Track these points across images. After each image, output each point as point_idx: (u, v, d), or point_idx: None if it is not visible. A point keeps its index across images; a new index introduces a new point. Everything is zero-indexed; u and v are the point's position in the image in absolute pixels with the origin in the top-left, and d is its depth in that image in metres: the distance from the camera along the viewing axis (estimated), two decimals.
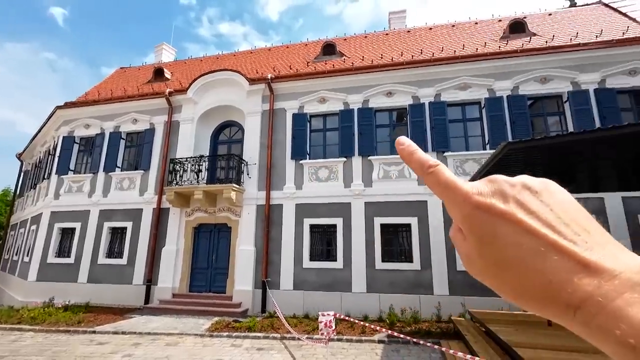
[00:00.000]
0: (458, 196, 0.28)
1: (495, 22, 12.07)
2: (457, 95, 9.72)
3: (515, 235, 0.25)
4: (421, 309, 8.48)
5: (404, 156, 0.32)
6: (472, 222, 0.27)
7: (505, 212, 0.25)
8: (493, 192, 0.27)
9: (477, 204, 0.27)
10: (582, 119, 8.70)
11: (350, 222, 9.46)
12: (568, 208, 0.26)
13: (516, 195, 0.26)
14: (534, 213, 0.25)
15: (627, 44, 8.67)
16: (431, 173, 0.30)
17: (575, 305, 0.22)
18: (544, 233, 0.24)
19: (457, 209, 0.28)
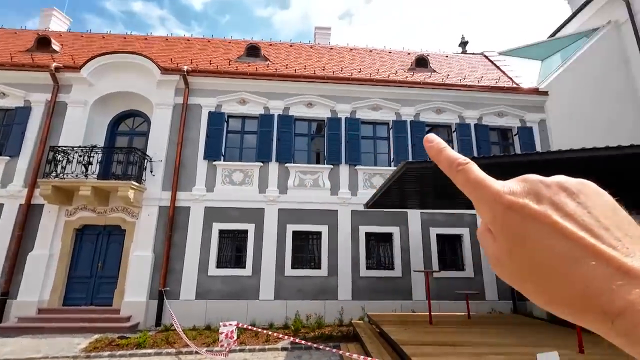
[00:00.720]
0: (488, 195, 0.26)
1: (405, 54, 13.63)
2: (370, 115, 10.59)
3: (549, 238, 0.23)
4: (325, 314, 8.81)
5: (433, 154, 0.31)
6: (504, 223, 0.25)
7: (539, 214, 0.24)
8: (526, 192, 0.26)
9: (509, 204, 0.25)
10: (465, 147, 10.39)
11: (263, 228, 9.33)
12: (608, 211, 0.24)
13: (552, 196, 0.25)
14: (570, 215, 0.24)
15: (498, 91, 10.77)
16: (460, 171, 0.28)
17: (614, 314, 0.20)
18: (581, 236, 0.23)
19: (487, 208, 0.26)
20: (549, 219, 0.23)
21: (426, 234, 9.69)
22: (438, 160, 0.30)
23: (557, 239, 0.23)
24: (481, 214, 0.27)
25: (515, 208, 0.25)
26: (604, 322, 0.21)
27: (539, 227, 0.24)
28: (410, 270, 9.24)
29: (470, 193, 0.28)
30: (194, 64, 10.57)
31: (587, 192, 0.25)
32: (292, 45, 13.60)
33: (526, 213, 0.24)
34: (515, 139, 10.74)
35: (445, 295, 9.06)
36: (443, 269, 9.46)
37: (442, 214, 9.71)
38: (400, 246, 9.56)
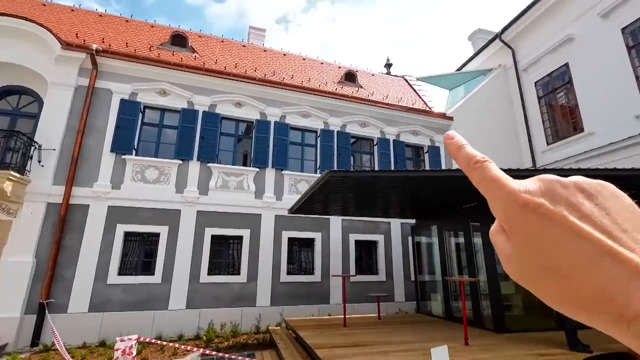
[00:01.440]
0: (504, 193, 0.26)
1: (336, 67, 14.24)
2: (300, 121, 10.74)
3: (566, 239, 0.23)
4: (242, 322, 8.50)
5: (452, 150, 0.30)
6: (518, 222, 0.25)
7: (555, 214, 0.24)
8: (543, 192, 0.25)
9: (524, 203, 0.25)
10: (383, 160, 11.26)
11: (178, 231, 8.62)
12: (626, 213, 0.24)
13: (569, 196, 0.25)
14: (587, 217, 0.23)
15: (414, 112, 11.99)
16: (478, 168, 0.28)
17: (631, 317, 0.20)
18: (599, 238, 0.22)
19: (502, 206, 0.26)
20: (566, 219, 0.23)
21: (346, 240, 10.16)
22: (456, 157, 0.30)
23: (573, 240, 0.23)
24: (495, 212, 0.27)
25: (530, 207, 0.24)
26: (619, 324, 0.21)
27: (555, 228, 0.23)
28: (329, 275, 9.54)
29: (486, 191, 0.27)
30: (106, 43, 9.34)
31: (605, 193, 0.25)
32: (224, 41, 13.06)
33: (542, 213, 0.24)
34: (426, 156, 12.05)
35: (360, 298, 9.58)
36: (359, 273, 10.02)
37: (361, 221, 10.31)
38: (321, 251, 9.82)
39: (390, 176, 5.61)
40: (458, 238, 8.46)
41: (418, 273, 9.80)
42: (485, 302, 7.01)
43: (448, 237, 8.78)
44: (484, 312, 6.97)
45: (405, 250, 10.59)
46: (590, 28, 10.33)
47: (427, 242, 9.94)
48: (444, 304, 8.34)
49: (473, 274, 7.24)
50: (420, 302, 9.49)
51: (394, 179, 5.70)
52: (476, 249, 7.42)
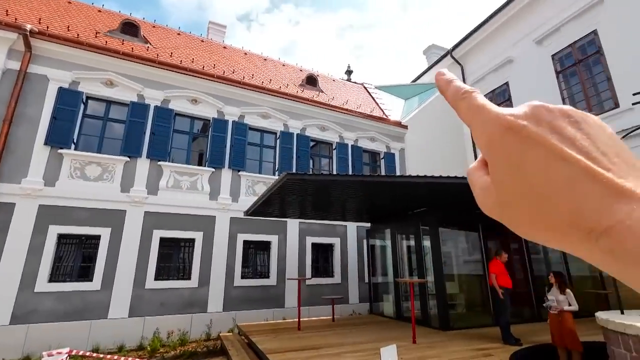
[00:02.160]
0: (488, 117, 0.26)
1: (297, 70, 14.26)
2: (259, 122, 10.57)
3: (546, 160, 0.23)
4: (191, 329, 8.10)
5: (442, 84, 0.30)
6: (500, 145, 0.25)
7: (538, 135, 0.24)
8: (527, 115, 0.25)
9: (508, 125, 0.25)
10: (342, 164, 11.47)
11: (122, 233, 7.99)
12: (607, 139, 0.25)
13: (553, 120, 0.25)
14: (569, 139, 0.24)
15: (372, 119, 12.39)
16: (465, 98, 0.28)
17: (600, 231, 0.21)
18: (578, 159, 0.23)
19: (485, 132, 0.26)
20: (548, 141, 0.24)
21: (303, 243, 10.15)
22: (445, 90, 0.30)
23: (554, 161, 0.23)
24: (478, 141, 0.27)
25: (514, 129, 0.25)
26: (588, 240, 0.22)
27: (536, 149, 0.24)
28: (284, 278, 9.45)
29: (471, 118, 0.27)
30: (43, 24, 8.42)
31: (589, 121, 0.26)
32: (180, 34, 12.45)
33: (525, 134, 0.24)
34: (382, 162, 12.50)
35: (315, 301, 9.61)
36: (315, 276, 10.06)
37: (318, 224, 10.38)
38: (277, 254, 9.71)
39: (348, 180, 5.73)
40: (409, 241, 8.87)
41: (372, 275, 10.10)
42: (433, 302, 7.41)
43: (400, 240, 9.17)
44: (431, 312, 7.36)
45: (361, 253, 10.85)
46: (527, 52, 11.50)
47: (381, 245, 10.29)
48: (395, 304, 8.67)
49: (422, 275, 7.62)
50: (373, 304, 9.77)
51: (351, 183, 5.83)
52: (425, 251, 7.83)
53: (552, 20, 10.66)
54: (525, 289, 8.16)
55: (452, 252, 9.87)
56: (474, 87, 0.29)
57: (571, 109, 0.26)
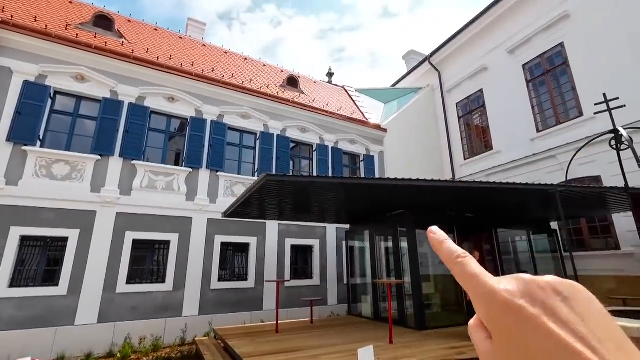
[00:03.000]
0: (484, 291, 0.27)
1: (278, 71, 14.20)
2: (239, 122, 10.43)
3: (546, 344, 0.23)
4: (165, 334, 7.85)
5: (435, 244, 0.33)
6: (501, 322, 0.25)
7: (535, 318, 0.24)
8: (522, 293, 0.26)
9: (505, 304, 0.25)
10: (322, 166, 11.50)
11: (91, 235, 7.64)
12: (600, 320, 0.25)
13: (545, 299, 0.25)
14: (565, 323, 0.24)
15: (352, 121, 12.52)
16: (459, 263, 0.29)
17: None
18: (578, 350, 0.22)
19: (483, 304, 0.27)
20: (546, 326, 0.24)
21: (282, 244, 10.08)
22: (439, 250, 0.32)
23: (554, 347, 0.23)
24: (476, 308, 0.28)
25: (512, 309, 0.25)
26: None
27: (536, 332, 0.24)
28: (263, 281, 9.35)
29: (466, 285, 0.28)
30: (7, 13, 7.94)
31: (578, 297, 0.26)
32: (158, 29, 12.10)
33: (523, 316, 0.24)
34: (362, 165, 12.64)
35: (294, 303, 9.56)
36: (294, 277, 10.02)
37: (298, 226, 10.35)
38: (256, 256, 9.59)
39: (328, 182, 5.75)
40: (388, 242, 9.01)
41: (350, 276, 10.17)
42: (409, 302, 7.55)
43: (379, 241, 9.29)
44: (407, 312, 7.50)
45: (340, 254, 10.91)
46: (500, 61, 12.01)
47: (360, 247, 10.39)
48: (373, 305, 8.77)
49: (400, 276, 7.76)
50: (352, 305, 9.84)
51: (331, 185, 5.86)
52: (403, 252, 7.97)
53: (523, 31, 11.19)
54: None
55: (428, 253, 10.09)
56: (464, 251, 0.30)
57: (559, 282, 0.27)
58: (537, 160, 10.39)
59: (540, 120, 10.62)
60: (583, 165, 8.85)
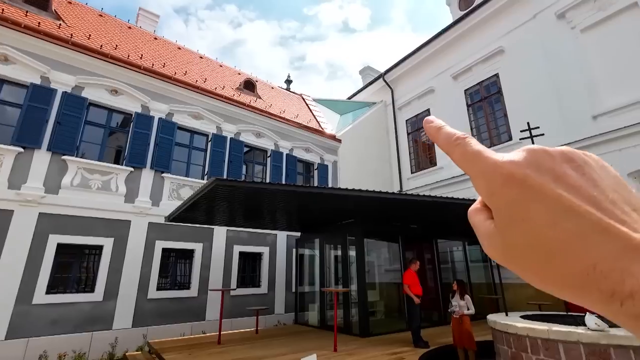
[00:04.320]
0: (486, 166, 0.24)
1: (235, 73, 13.90)
2: (190, 122, 9.96)
3: (553, 212, 0.21)
4: (91, 350, 7.07)
5: (432, 132, 0.29)
6: (502, 196, 0.23)
7: (541, 186, 0.22)
8: (528, 163, 0.23)
9: (508, 175, 0.23)
10: (276, 173, 11.41)
11: (5, 237, 6.67)
12: (614, 184, 0.23)
13: (555, 167, 0.23)
14: (575, 188, 0.22)
15: (308, 129, 12.65)
16: (458, 145, 0.27)
17: (624, 296, 0.19)
18: (588, 211, 0.21)
19: (485, 181, 0.24)
20: (553, 192, 0.22)
21: (229, 251, 9.73)
22: (437, 137, 0.29)
23: (561, 214, 0.21)
24: (477, 189, 0.25)
25: (515, 179, 0.23)
26: (611, 302, 0.20)
27: (541, 201, 0.22)
28: (207, 289, 8.91)
29: (468, 167, 0.26)
30: None
31: (592, 164, 0.24)
32: (104, 16, 11.18)
33: (527, 185, 0.22)
34: (315, 173, 12.79)
35: (239, 312, 9.24)
36: (241, 286, 9.70)
37: (247, 232, 10.09)
38: (201, 264, 9.12)
39: (281, 189, 5.71)
40: (337, 251, 9.17)
41: (299, 284, 10.13)
42: (355, 310, 7.73)
43: (328, 249, 9.42)
44: (353, 320, 7.66)
45: (289, 262, 10.82)
46: (446, 85, 13.06)
47: (310, 254, 10.43)
48: (319, 313, 8.81)
49: (347, 284, 7.92)
50: (299, 313, 9.79)
51: (284, 192, 5.83)
52: (351, 261, 8.17)
53: (466, 60, 12.33)
54: (435, 295, 9.04)
55: (374, 261, 10.46)
56: (464, 133, 0.28)
57: (571, 150, 0.25)
58: None
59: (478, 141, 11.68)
60: None
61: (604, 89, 8.62)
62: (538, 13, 10.35)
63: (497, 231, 0.24)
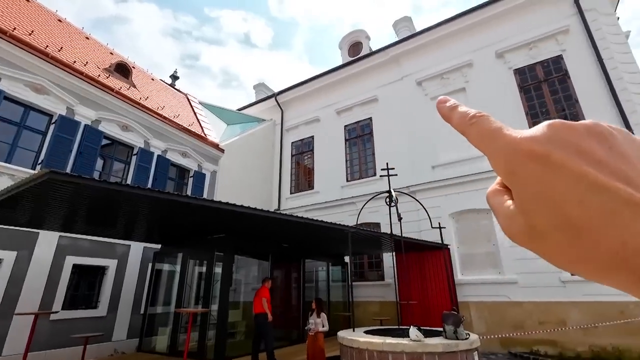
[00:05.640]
0: (504, 143, 0.22)
1: (107, 51, 11.79)
2: (26, 94, 7.79)
3: (579, 189, 0.20)
4: None
5: (445, 112, 0.28)
6: (523, 174, 0.21)
7: (566, 162, 0.20)
8: (549, 138, 0.22)
9: (529, 152, 0.21)
10: (141, 175, 9.95)
11: None
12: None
13: (579, 141, 0.21)
14: (602, 163, 0.20)
15: (188, 133, 11.66)
16: (474, 123, 0.25)
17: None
18: (617, 186, 0.19)
19: (504, 159, 0.22)
20: (578, 167, 0.20)
21: (58, 264, 7.76)
22: (451, 117, 0.27)
23: (588, 190, 0.20)
24: (496, 168, 0.23)
25: (536, 156, 0.21)
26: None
27: (566, 178, 0.20)
28: (13, 313, 6.77)
29: (485, 145, 0.24)
30: None
31: (618, 137, 0.22)
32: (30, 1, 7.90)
33: (550, 162, 0.21)
34: (190, 181, 11.77)
35: (61, 341, 7.33)
36: (70, 307, 7.79)
37: (89, 241, 8.30)
38: (9, 278, 6.93)
39: (141, 194, 4.95)
40: (202, 267, 8.48)
41: (150, 305, 8.83)
42: (213, 332, 7.20)
43: (193, 265, 8.63)
44: (209, 343, 7.09)
45: (142, 279, 9.37)
46: (329, 117, 14.36)
47: (170, 270, 9.33)
48: (171, 338, 7.84)
49: (208, 304, 7.35)
50: (145, 339, 8.46)
51: (145, 198, 5.08)
52: (216, 278, 7.67)
53: (348, 100, 13.94)
54: (297, 313, 9.34)
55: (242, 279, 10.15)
56: (481, 111, 0.26)
57: (596, 123, 0.23)
58: (344, 204, 12.64)
59: (350, 172, 13.15)
60: (371, 213, 11.39)
61: (440, 147, 11.08)
62: (405, 76, 12.71)
63: (518, 212, 0.23)
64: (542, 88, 9.88)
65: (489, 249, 9.47)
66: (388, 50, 13.07)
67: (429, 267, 9.49)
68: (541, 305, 8.26)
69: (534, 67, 10.17)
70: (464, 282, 9.41)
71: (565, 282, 8.10)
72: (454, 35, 11.84)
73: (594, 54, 9.16)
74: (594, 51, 9.15)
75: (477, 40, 11.37)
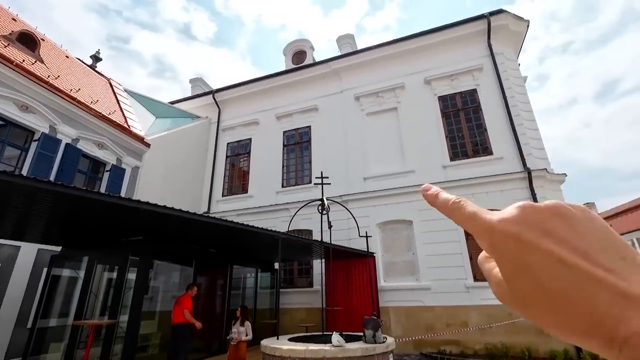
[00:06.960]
0: (482, 226, 0.26)
1: (9, 17, 9.98)
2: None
3: (548, 265, 0.22)
4: None
5: (430, 199, 0.31)
6: (502, 252, 0.25)
7: (533, 241, 0.23)
8: (518, 220, 0.25)
9: (503, 232, 0.25)
10: (42, 165, 8.55)
11: None
12: (601, 235, 0.24)
13: (544, 222, 0.24)
14: (564, 241, 0.23)
15: (108, 122, 10.41)
16: (456, 208, 0.29)
17: (620, 341, 0.19)
18: (576, 262, 0.22)
19: (484, 238, 0.26)
20: (545, 246, 0.23)
21: None
22: (436, 203, 0.31)
23: (555, 266, 0.22)
24: (480, 244, 0.27)
25: (509, 236, 0.24)
26: (611, 348, 0.20)
27: (537, 254, 0.23)
28: None
29: (468, 226, 0.28)
30: None
31: (579, 216, 0.25)
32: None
33: (521, 241, 0.24)
34: (106, 175, 10.48)
35: None
36: None
37: None
38: None
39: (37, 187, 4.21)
40: (112, 273, 7.54)
41: (42, 317, 7.53)
42: (120, 346, 6.42)
43: (101, 271, 7.64)
44: (114, 359, 6.30)
45: (34, 287, 7.97)
46: (269, 122, 14.20)
47: (71, 277, 8.12)
48: (65, 355, 6.77)
49: (116, 314, 6.54)
50: (30, 358, 7.17)
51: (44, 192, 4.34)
52: (129, 285, 6.89)
53: (289, 106, 13.98)
54: (220, 322, 8.87)
55: (160, 286, 9.32)
56: (459, 197, 0.29)
57: (558, 204, 0.26)
58: (278, 209, 12.52)
59: (286, 178, 13.11)
60: (304, 220, 11.49)
61: (372, 160, 11.74)
62: (344, 90, 13.25)
63: (504, 280, 0.26)
64: (459, 115, 11.20)
65: (409, 257, 10.27)
66: (330, 63, 13.51)
67: (356, 274, 9.89)
68: (449, 309, 9.19)
69: (454, 97, 11.48)
70: (386, 289, 10.00)
71: (469, 288, 9.17)
72: (390, 58, 12.77)
73: (500, 91, 10.73)
74: (500, 89, 10.73)
75: (409, 66, 12.43)
